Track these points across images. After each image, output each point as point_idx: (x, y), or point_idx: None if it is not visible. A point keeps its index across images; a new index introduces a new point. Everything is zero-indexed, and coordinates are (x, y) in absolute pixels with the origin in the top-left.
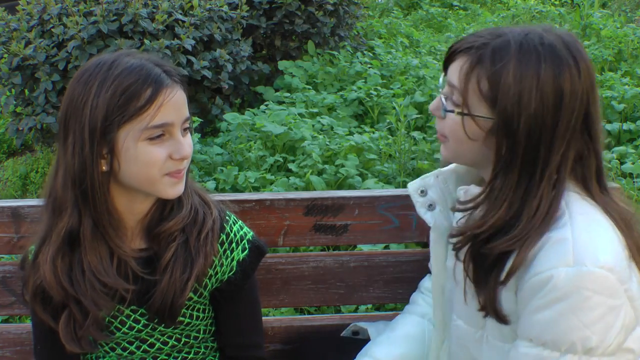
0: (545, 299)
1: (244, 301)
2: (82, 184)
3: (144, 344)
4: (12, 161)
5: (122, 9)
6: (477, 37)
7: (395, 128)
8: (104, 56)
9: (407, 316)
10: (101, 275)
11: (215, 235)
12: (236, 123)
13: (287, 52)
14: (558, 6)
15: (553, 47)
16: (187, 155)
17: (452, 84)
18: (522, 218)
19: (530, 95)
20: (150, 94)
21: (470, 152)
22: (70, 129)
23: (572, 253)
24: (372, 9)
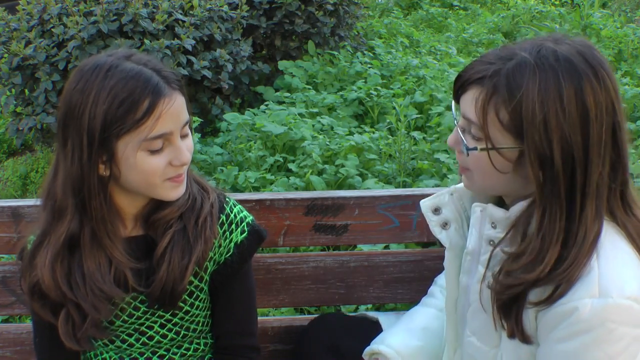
0: (569, 330)
1: (238, 288)
2: (80, 192)
3: (143, 337)
4: (12, 161)
5: (122, 9)
6: (487, 63)
7: (395, 128)
8: (100, 59)
9: (426, 309)
10: (98, 283)
11: (215, 218)
12: (236, 123)
13: (287, 52)
14: (558, 6)
15: (569, 61)
16: (187, 161)
17: (468, 118)
18: (570, 249)
19: (557, 118)
20: (148, 106)
21: (497, 183)
22: (69, 136)
23: (598, 284)
24: (372, 9)
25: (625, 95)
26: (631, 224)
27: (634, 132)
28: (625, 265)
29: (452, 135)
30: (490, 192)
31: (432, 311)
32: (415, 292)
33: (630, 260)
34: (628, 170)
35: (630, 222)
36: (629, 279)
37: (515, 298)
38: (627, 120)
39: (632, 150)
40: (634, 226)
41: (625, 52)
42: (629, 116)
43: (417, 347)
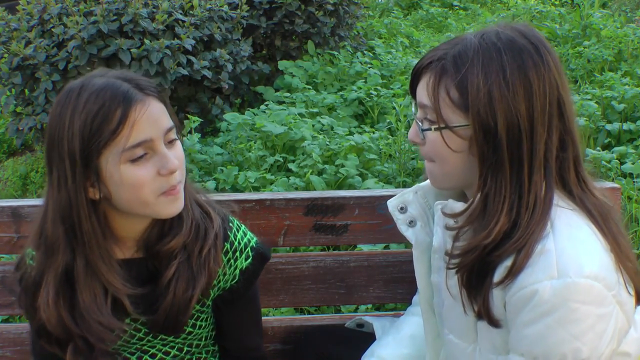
0: (532, 314)
1: (245, 305)
2: (69, 218)
3: (145, 355)
4: (12, 161)
5: (122, 9)
6: (435, 50)
7: (395, 128)
8: (73, 83)
9: (411, 317)
10: (96, 315)
11: (219, 249)
12: (236, 123)
13: (287, 52)
14: (558, 6)
15: (510, 38)
16: (175, 168)
17: (423, 103)
18: (522, 217)
19: (500, 90)
20: (121, 114)
21: (457, 167)
22: (53, 165)
23: (556, 264)
24: (372, 9)
25: (625, 95)
26: (588, 200)
27: (634, 132)
28: (582, 243)
29: (411, 129)
30: (452, 183)
31: (418, 319)
32: (415, 292)
33: (587, 237)
34: (578, 146)
35: (586, 198)
36: (587, 257)
37: (480, 278)
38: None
39: (632, 150)
40: (591, 202)
41: (625, 52)
42: (629, 116)
43: (406, 354)
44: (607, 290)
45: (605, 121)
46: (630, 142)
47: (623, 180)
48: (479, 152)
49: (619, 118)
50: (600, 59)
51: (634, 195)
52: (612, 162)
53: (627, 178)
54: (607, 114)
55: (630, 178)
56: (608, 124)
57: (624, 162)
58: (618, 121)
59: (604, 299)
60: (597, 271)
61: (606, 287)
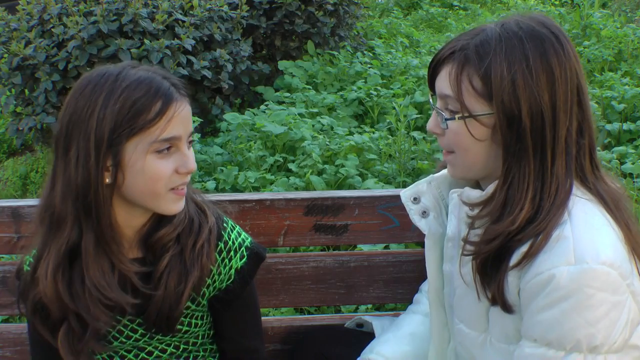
0: (548, 299)
1: (242, 307)
2: (85, 198)
3: (142, 352)
4: (12, 161)
5: (122, 9)
6: (456, 41)
7: (395, 128)
8: (108, 68)
9: (412, 315)
10: (105, 290)
11: (212, 245)
12: (236, 123)
13: (287, 52)
14: (558, 6)
15: (531, 27)
16: (193, 169)
17: (445, 93)
18: (545, 202)
19: (524, 78)
20: (161, 107)
21: (479, 157)
22: (73, 141)
23: (573, 251)
24: (372, 9)
25: (625, 95)
26: (601, 187)
27: (634, 132)
28: (598, 230)
29: (430, 120)
30: (473, 173)
31: (419, 317)
32: (415, 292)
33: (602, 225)
34: (594, 131)
35: (599, 185)
36: (603, 245)
37: (496, 263)
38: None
39: (632, 150)
40: (603, 189)
41: (625, 52)
42: (629, 116)
43: (407, 352)
44: (622, 279)
45: (605, 121)
46: (630, 142)
47: (623, 180)
48: (503, 141)
49: (619, 118)
50: (600, 59)
51: (634, 195)
52: (612, 162)
53: (627, 178)
54: (607, 114)
55: (630, 178)
56: (608, 124)
57: (624, 162)
58: (618, 121)
59: (619, 286)
60: (613, 259)
61: (621, 275)
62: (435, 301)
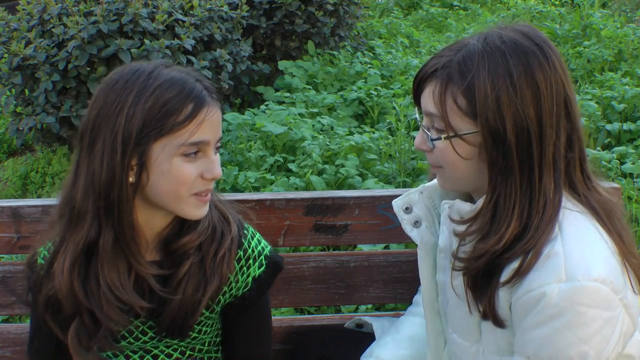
0: (539, 317)
1: (256, 315)
2: (108, 195)
3: (147, 355)
4: (12, 161)
5: (122, 9)
6: (438, 57)
7: (395, 128)
8: (141, 64)
9: (411, 318)
10: (118, 291)
11: (233, 254)
12: (236, 123)
13: (287, 52)
14: (558, 6)
15: (515, 42)
16: (219, 175)
17: (429, 112)
18: (533, 219)
19: (508, 95)
20: (192, 110)
21: (468, 173)
22: (99, 136)
23: (564, 268)
24: (372, 9)
25: (625, 95)
26: (592, 197)
27: (634, 132)
28: (589, 246)
29: (417, 137)
30: (462, 187)
31: (418, 320)
32: (415, 292)
33: (594, 240)
34: (584, 143)
35: (591, 195)
36: (594, 261)
37: (487, 279)
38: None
39: (632, 150)
40: (595, 199)
41: (625, 52)
42: (629, 116)
43: (405, 355)
44: (614, 294)
45: (605, 121)
46: (630, 142)
47: (623, 180)
48: (488, 158)
49: (619, 118)
50: (600, 59)
51: (634, 195)
52: (612, 162)
53: (627, 178)
54: (607, 114)
55: (630, 178)
56: (608, 124)
57: (624, 162)
58: (618, 121)
59: (611, 302)
60: (605, 275)
61: (613, 290)
62: (429, 310)
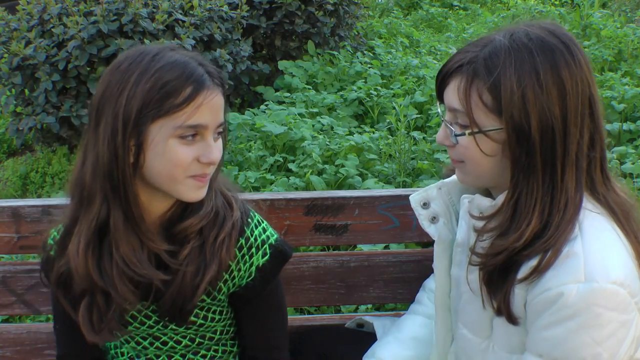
0: (556, 316)
1: (265, 304)
2: (112, 175)
3: (156, 341)
4: (12, 161)
5: (122, 9)
6: (464, 53)
7: (395, 128)
8: (147, 47)
9: (414, 317)
10: (136, 267)
11: (233, 240)
12: (236, 123)
13: (287, 52)
14: (558, 6)
15: (541, 38)
16: (215, 160)
17: (453, 107)
18: (554, 217)
19: (534, 92)
20: (190, 93)
21: (490, 169)
22: (103, 116)
23: (583, 269)
24: (372, 9)
25: (625, 95)
26: (611, 198)
27: (634, 132)
28: (609, 248)
29: (439, 132)
30: (483, 182)
31: (420, 319)
32: (415, 292)
33: (613, 241)
34: (605, 142)
35: (610, 196)
36: (614, 263)
37: (503, 275)
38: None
39: (632, 150)
40: (614, 200)
41: (625, 52)
42: (629, 116)
43: (408, 356)
44: (630, 297)
45: (605, 121)
46: (630, 142)
47: (623, 180)
48: (511, 155)
49: (619, 118)
50: (600, 59)
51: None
52: (612, 162)
53: (627, 178)
54: (607, 114)
55: (630, 178)
56: (608, 124)
57: (624, 162)
58: (618, 121)
59: (628, 305)
60: (623, 278)
61: (630, 294)
62: (441, 305)
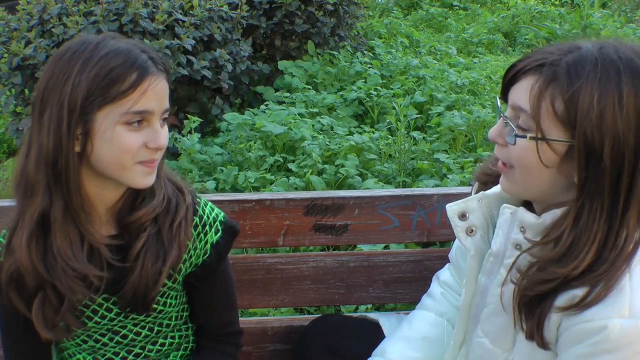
0: (594, 348)
1: (218, 281)
2: (55, 164)
3: (116, 336)
4: (12, 161)
5: (122, 9)
6: (546, 53)
7: (395, 128)
8: (88, 36)
9: (425, 313)
10: (71, 261)
11: (189, 222)
12: (236, 123)
13: (287, 52)
14: (558, 6)
15: (630, 60)
16: (163, 146)
17: (519, 106)
18: (609, 251)
19: (613, 113)
20: (135, 79)
21: (540, 181)
22: (47, 106)
23: (629, 304)
24: (372, 9)
25: None
26: None
27: None
28: None
29: (494, 127)
30: (529, 195)
31: (432, 317)
32: (415, 292)
33: None
34: None
35: None
36: None
37: (541, 299)
38: None
39: None
40: None
41: None
42: None
43: (417, 358)
44: None
45: None
46: None
47: None
48: (578, 176)
49: None
50: None
51: None
52: None
53: None
54: None
55: None
56: None
57: None
58: None
59: None
60: None
61: None
62: (465, 315)
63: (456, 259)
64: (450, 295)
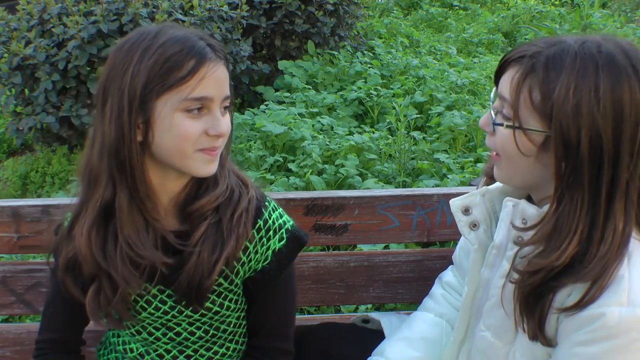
0: (592, 335)
1: (277, 292)
2: (118, 153)
3: (170, 332)
4: (12, 161)
5: (122, 9)
6: (531, 45)
7: (395, 128)
8: (148, 27)
9: (425, 314)
10: (138, 249)
11: (250, 215)
12: (236, 123)
13: (287, 52)
14: (558, 6)
15: (611, 55)
16: (224, 133)
17: (503, 96)
18: (594, 246)
19: (589, 106)
20: (193, 66)
21: (523, 169)
22: (109, 96)
23: (627, 292)
24: (372, 9)
25: None
26: None
27: None
28: None
29: (484, 116)
30: (515, 182)
31: (432, 318)
32: (415, 292)
33: None
34: None
35: None
36: None
37: (538, 296)
38: None
39: None
40: None
41: None
42: None
43: (416, 357)
44: None
45: None
46: None
47: None
48: (556, 167)
49: None
50: None
51: None
52: None
53: None
54: None
55: None
56: None
57: None
58: None
59: None
60: None
61: None
62: (467, 309)
63: (459, 260)
64: (451, 296)
